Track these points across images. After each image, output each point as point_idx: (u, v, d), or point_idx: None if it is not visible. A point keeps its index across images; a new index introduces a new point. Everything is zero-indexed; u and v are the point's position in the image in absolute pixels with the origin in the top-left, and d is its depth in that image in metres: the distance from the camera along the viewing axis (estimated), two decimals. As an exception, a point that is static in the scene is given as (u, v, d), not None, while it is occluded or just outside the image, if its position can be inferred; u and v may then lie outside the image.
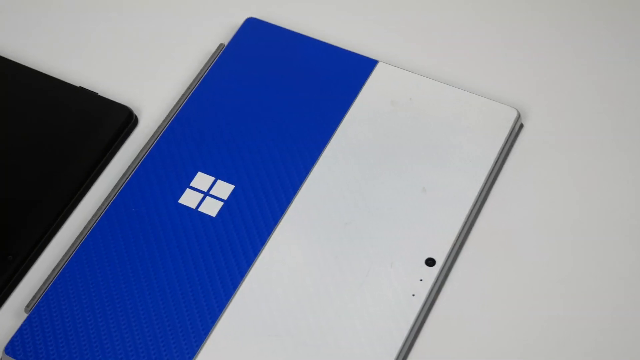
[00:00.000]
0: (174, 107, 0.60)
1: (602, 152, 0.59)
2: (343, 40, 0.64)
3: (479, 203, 0.56)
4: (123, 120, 0.60)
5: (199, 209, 0.56)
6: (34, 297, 0.54)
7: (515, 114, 0.59)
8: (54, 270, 0.54)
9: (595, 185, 0.58)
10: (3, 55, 0.63)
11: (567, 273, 0.54)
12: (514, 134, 0.59)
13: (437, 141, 0.58)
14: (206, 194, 0.57)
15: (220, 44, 0.63)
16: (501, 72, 0.62)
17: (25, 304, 0.54)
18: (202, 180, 0.57)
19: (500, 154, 0.58)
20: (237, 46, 0.63)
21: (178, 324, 0.52)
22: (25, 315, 0.54)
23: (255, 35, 0.63)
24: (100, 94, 0.61)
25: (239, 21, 0.64)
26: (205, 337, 0.52)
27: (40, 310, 0.53)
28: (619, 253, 0.55)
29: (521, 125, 0.60)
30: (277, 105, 0.60)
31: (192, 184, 0.57)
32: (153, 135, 0.59)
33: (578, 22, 0.64)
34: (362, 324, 0.52)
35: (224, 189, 0.57)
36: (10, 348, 0.52)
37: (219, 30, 0.65)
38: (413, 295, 0.53)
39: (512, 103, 0.61)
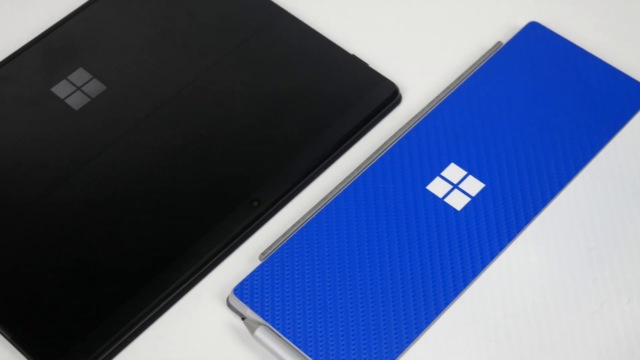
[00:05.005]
0: (440, 93, 0.60)
1: None
2: (622, 62, 0.62)
3: None
4: (388, 95, 0.60)
5: (445, 200, 0.56)
6: (270, 246, 0.55)
7: None
8: (293, 225, 0.55)
9: None
10: (290, 12, 0.65)
11: None
12: None
13: (702, 186, 0.56)
14: (455, 186, 0.56)
15: (498, 42, 0.62)
16: None
17: (261, 252, 0.55)
18: (453, 171, 0.57)
19: None
20: (515, 47, 0.62)
21: (402, 307, 0.52)
22: (258, 262, 0.55)
23: (534, 40, 0.62)
24: (370, 65, 0.62)
25: (521, 23, 0.63)
26: (425, 327, 0.52)
27: (273, 261, 0.54)
28: None
29: None
30: (542, 113, 0.59)
31: (443, 173, 0.57)
32: (414, 117, 0.59)
33: None
34: (586, 352, 0.51)
35: (474, 185, 0.56)
36: (239, 290, 0.53)
37: (499, 28, 0.64)
38: (645, 336, 0.51)
39: None
